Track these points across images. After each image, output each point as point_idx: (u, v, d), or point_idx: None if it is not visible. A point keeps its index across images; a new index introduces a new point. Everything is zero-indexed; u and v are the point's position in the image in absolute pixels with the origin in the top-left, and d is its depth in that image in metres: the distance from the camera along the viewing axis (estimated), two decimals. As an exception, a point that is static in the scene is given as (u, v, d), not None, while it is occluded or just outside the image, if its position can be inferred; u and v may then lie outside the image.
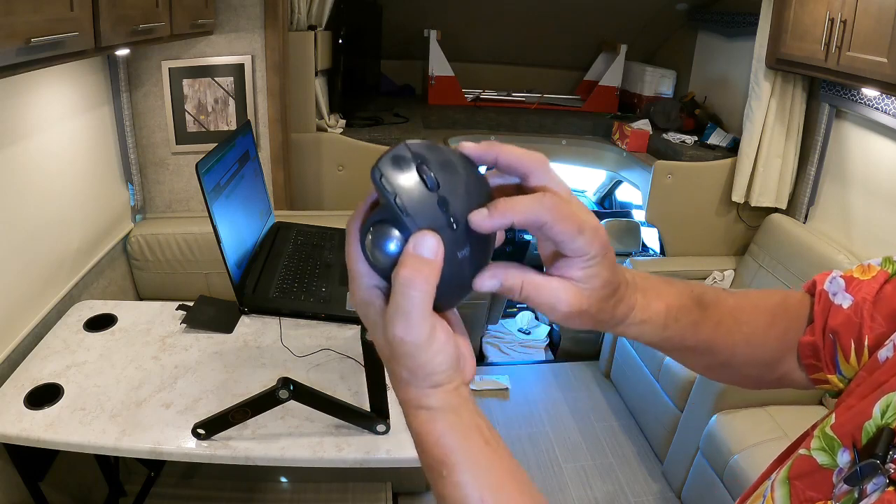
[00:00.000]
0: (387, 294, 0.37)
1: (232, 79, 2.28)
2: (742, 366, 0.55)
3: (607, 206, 4.20)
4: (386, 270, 0.37)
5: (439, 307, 0.38)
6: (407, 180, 0.36)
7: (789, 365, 0.56)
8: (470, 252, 0.38)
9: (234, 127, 2.32)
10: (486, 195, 0.38)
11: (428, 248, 0.35)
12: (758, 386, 0.58)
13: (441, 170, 0.37)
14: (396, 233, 0.36)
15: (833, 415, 0.49)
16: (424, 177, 0.36)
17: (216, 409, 1.28)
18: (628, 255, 3.25)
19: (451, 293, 0.38)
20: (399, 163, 0.36)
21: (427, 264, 0.35)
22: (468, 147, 0.39)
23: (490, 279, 0.39)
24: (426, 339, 0.36)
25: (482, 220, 0.36)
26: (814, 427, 0.51)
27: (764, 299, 0.57)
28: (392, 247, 0.36)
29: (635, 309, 0.45)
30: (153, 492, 1.96)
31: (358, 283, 0.39)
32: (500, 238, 0.41)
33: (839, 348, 0.52)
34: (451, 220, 0.36)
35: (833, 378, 0.53)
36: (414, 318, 0.36)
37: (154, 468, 2.01)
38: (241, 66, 2.27)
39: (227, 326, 1.65)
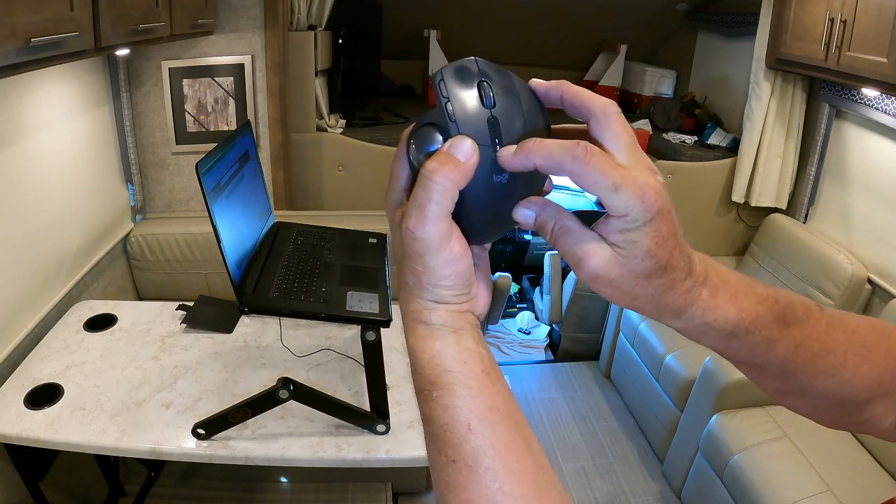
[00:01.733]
0: None
1: (232, 79, 2.28)
2: (819, 400, 0.47)
3: (608, 206, 4.19)
4: None
5: (472, 233, 0.38)
6: (464, 91, 0.36)
7: (879, 410, 0.47)
8: (509, 180, 0.36)
9: (234, 127, 2.32)
10: (540, 132, 0.37)
11: (462, 150, 0.34)
12: (834, 425, 0.50)
13: (502, 93, 0.36)
14: (439, 136, 0.36)
15: None
16: (483, 93, 0.36)
17: (216, 409, 1.28)
18: None
19: (484, 219, 0.38)
20: (462, 73, 0.36)
21: (455, 162, 0.34)
22: (537, 82, 0.39)
23: (525, 209, 0.37)
24: (438, 240, 0.35)
25: (507, 155, 0.35)
26: None
27: (865, 328, 0.47)
28: (432, 149, 0.36)
29: (696, 306, 0.39)
30: (153, 492, 1.96)
31: (392, 185, 0.39)
32: (548, 186, 0.40)
33: None
34: (496, 141, 0.36)
35: None
36: (428, 212, 0.34)
37: (154, 468, 2.01)
38: (241, 66, 2.27)
39: (227, 326, 1.65)
